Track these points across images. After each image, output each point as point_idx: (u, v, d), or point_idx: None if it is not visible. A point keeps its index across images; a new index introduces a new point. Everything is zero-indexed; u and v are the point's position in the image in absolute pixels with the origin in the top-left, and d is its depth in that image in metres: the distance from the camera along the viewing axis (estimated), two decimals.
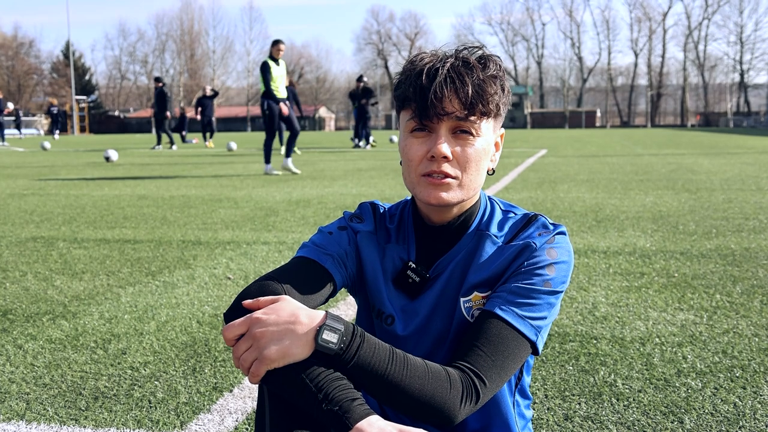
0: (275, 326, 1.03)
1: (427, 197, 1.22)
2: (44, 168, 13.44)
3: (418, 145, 1.22)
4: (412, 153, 1.22)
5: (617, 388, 2.24)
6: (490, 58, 1.23)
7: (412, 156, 1.23)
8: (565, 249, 1.25)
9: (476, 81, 1.19)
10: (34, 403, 2.19)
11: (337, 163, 13.80)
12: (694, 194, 7.44)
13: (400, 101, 1.24)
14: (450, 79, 1.18)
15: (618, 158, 14.40)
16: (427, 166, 1.21)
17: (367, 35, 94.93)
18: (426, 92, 1.18)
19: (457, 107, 1.18)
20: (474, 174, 1.23)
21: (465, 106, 1.18)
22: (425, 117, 1.19)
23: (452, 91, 1.18)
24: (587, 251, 4.42)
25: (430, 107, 1.18)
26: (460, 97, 1.18)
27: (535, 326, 1.19)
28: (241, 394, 2.23)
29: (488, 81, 1.20)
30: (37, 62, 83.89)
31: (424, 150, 1.21)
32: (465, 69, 1.19)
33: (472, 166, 1.22)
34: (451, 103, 1.18)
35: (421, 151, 1.21)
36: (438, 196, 1.21)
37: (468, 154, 1.21)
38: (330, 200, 7.37)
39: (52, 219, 6.23)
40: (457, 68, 1.19)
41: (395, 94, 1.25)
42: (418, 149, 1.22)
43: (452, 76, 1.18)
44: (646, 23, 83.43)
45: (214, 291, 3.55)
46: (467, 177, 1.22)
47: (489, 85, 1.20)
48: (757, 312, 3.06)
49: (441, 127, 1.20)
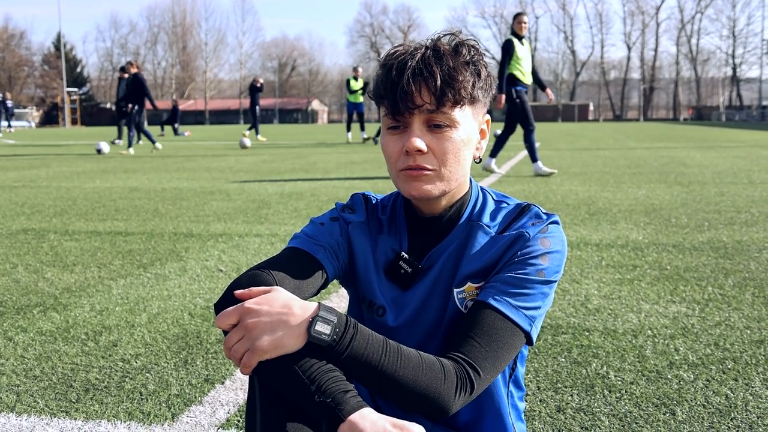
0: (268, 317, 1.02)
1: (408, 190, 1.22)
2: (35, 160, 13.36)
3: (393, 142, 1.22)
4: (390, 149, 1.22)
5: (609, 380, 2.24)
6: (463, 44, 1.21)
7: (389, 153, 1.23)
8: (558, 238, 1.24)
9: (446, 70, 1.17)
10: (25, 395, 2.17)
11: (329, 156, 13.78)
12: (687, 187, 7.46)
13: (376, 98, 1.23)
14: (419, 71, 1.16)
15: (611, 151, 14.42)
16: (404, 161, 1.20)
17: (360, 28, 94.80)
18: (395, 87, 1.17)
19: (428, 99, 1.17)
20: (453, 165, 1.21)
21: (435, 96, 1.17)
22: (397, 112, 1.18)
23: (421, 83, 1.16)
24: (580, 244, 4.42)
25: (400, 102, 1.17)
26: (430, 87, 1.16)
27: (529, 316, 1.18)
28: (233, 386, 2.22)
29: (459, 68, 1.18)
30: (28, 54, 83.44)
31: (400, 146, 1.20)
32: (435, 59, 1.17)
33: (450, 158, 1.20)
34: (421, 96, 1.17)
35: (397, 147, 1.21)
36: (418, 187, 1.21)
37: (445, 147, 1.20)
38: (323, 192, 7.36)
39: (43, 211, 6.19)
40: (427, 59, 1.17)
41: (371, 93, 1.24)
42: (394, 145, 1.21)
43: (420, 68, 1.16)
44: (639, 17, 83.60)
45: (205, 283, 3.53)
46: (446, 169, 1.21)
47: (460, 72, 1.17)
48: (748, 304, 3.07)
49: (413, 121, 1.19)
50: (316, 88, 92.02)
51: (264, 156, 14.01)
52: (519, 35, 9.03)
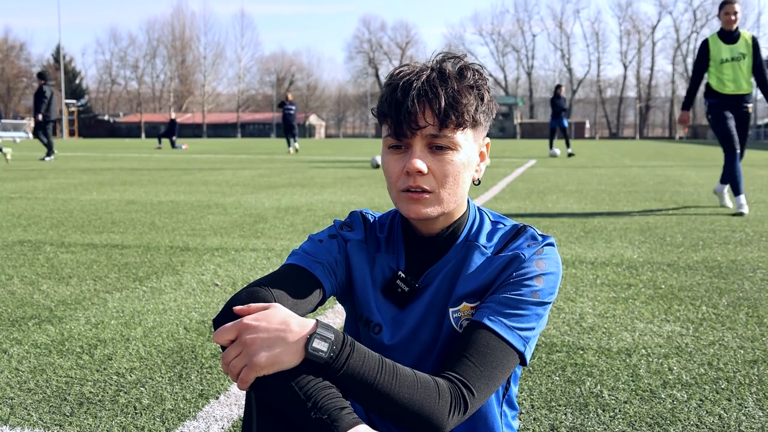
0: (266, 333, 1.03)
1: (407, 212, 1.23)
2: (32, 171, 13.35)
3: (395, 162, 1.23)
4: (391, 169, 1.24)
5: (603, 399, 2.25)
6: (468, 67, 1.23)
7: (390, 172, 1.24)
8: (553, 260, 1.26)
9: (450, 92, 1.19)
10: (18, 408, 2.17)
11: (326, 171, 13.80)
12: (681, 206, 7.49)
13: (380, 117, 1.25)
14: (423, 93, 1.18)
15: (606, 169, 14.48)
16: (405, 181, 1.22)
17: (359, 44, 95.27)
18: (400, 107, 1.19)
19: (431, 121, 1.19)
20: (452, 188, 1.23)
21: (439, 118, 1.18)
22: (400, 132, 1.20)
23: (425, 104, 1.18)
24: (575, 262, 4.44)
25: (404, 122, 1.18)
26: (434, 109, 1.18)
27: (524, 337, 1.19)
28: (227, 402, 2.22)
29: (463, 91, 1.20)
30: (27, 65, 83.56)
31: (401, 166, 1.22)
32: (440, 81, 1.19)
33: (449, 180, 1.22)
34: (424, 117, 1.18)
35: (398, 167, 1.22)
36: (417, 210, 1.22)
37: (445, 170, 1.21)
38: (319, 208, 7.37)
39: (39, 223, 6.19)
40: (432, 81, 1.19)
41: (375, 111, 1.26)
42: (395, 165, 1.23)
43: (425, 90, 1.18)
44: (635, 36, 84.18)
45: (201, 297, 3.53)
46: (445, 192, 1.22)
47: (464, 95, 1.20)
48: (742, 324, 3.09)
49: (416, 142, 1.20)
50: (313, 102, 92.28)
51: (261, 170, 14.03)
52: (725, 30, 6.95)
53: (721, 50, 6.95)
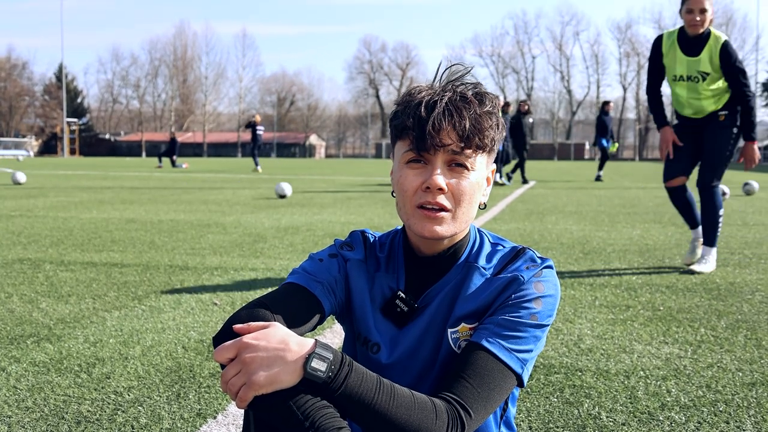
0: (265, 352, 1.04)
1: (421, 230, 1.24)
2: (33, 189, 13.38)
3: (413, 176, 1.24)
4: (408, 184, 1.24)
5: (601, 421, 2.25)
6: (486, 95, 1.26)
7: (407, 187, 1.24)
8: (552, 283, 1.27)
9: (473, 115, 1.21)
10: (16, 426, 2.16)
11: (326, 191, 13.83)
12: (681, 228, 7.50)
13: (398, 131, 1.26)
14: (448, 112, 1.20)
15: (606, 191, 14.51)
16: (422, 197, 1.23)
17: (359, 64, 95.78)
18: (424, 123, 1.20)
19: (454, 140, 1.21)
20: (467, 207, 1.25)
21: (462, 139, 1.20)
22: (422, 148, 1.21)
23: (450, 123, 1.20)
24: (573, 283, 4.44)
25: (428, 138, 1.20)
26: (458, 130, 1.20)
27: (521, 359, 1.20)
28: (225, 421, 2.22)
29: (485, 116, 1.23)
30: (29, 84, 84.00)
31: (420, 181, 1.23)
32: (463, 103, 1.22)
33: (465, 199, 1.24)
34: (448, 136, 1.20)
35: (416, 182, 1.23)
36: (432, 229, 1.23)
37: (463, 187, 1.23)
38: (319, 227, 7.38)
39: (39, 241, 6.20)
40: (455, 102, 1.22)
41: (393, 124, 1.27)
42: (413, 180, 1.23)
43: (450, 110, 1.21)
44: (635, 58, 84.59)
45: (200, 316, 3.53)
46: (461, 210, 1.24)
47: (485, 120, 1.22)
48: (741, 347, 3.09)
49: (437, 159, 1.22)
50: (314, 122, 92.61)
51: (261, 189, 14.06)
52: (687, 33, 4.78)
53: (675, 62, 4.87)
